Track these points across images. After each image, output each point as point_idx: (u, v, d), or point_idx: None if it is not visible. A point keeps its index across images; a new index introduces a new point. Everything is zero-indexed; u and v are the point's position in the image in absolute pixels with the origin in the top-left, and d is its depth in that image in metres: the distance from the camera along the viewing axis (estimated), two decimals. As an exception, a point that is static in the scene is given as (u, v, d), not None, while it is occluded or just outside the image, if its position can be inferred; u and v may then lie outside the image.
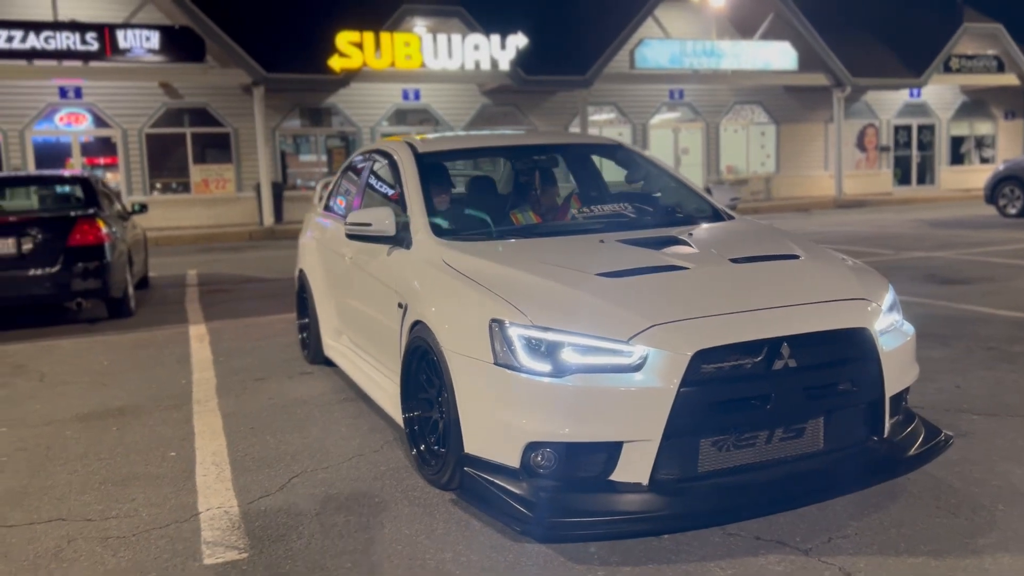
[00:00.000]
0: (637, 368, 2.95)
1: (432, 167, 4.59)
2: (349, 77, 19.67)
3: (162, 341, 7.25)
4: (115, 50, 18.03)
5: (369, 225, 4.12)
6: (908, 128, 28.34)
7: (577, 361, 2.98)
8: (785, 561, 2.85)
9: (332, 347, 5.52)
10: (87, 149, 20.17)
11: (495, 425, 3.08)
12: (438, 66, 20.01)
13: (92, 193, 8.74)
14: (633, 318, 3.02)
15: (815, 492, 3.23)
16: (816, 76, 24.38)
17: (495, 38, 20.29)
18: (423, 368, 3.60)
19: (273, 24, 20.07)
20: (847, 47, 24.71)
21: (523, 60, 20.61)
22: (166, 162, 20.54)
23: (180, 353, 6.70)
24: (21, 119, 19.26)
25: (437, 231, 4.00)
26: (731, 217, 4.49)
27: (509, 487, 3.03)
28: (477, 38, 20.21)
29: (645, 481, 2.97)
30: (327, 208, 6.01)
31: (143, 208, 10.34)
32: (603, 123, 24.46)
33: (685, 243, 3.73)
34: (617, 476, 2.99)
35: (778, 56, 23.80)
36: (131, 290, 8.87)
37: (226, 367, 6.11)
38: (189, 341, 7.19)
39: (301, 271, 6.18)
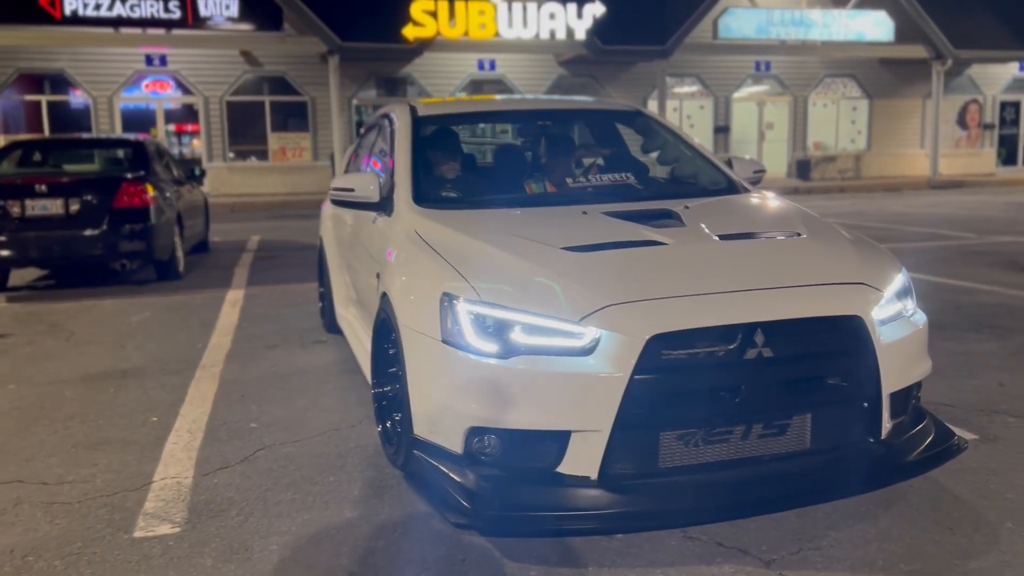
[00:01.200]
0: (588, 352, 2.68)
1: (432, 131, 4.37)
2: (423, 46, 19.56)
3: (197, 304, 7.29)
4: (196, 18, 18.37)
5: (352, 191, 3.93)
6: (1016, 105, 26.55)
7: (525, 342, 2.74)
8: (740, 572, 2.56)
9: (342, 316, 5.40)
10: (171, 116, 20.72)
11: (440, 407, 2.87)
12: (512, 35, 19.69)
13: (143, 158, 8.85)
14: (588, 297, 2.75)
15: (796, 496, 2.90)
16: (914, 48, 22.99)
17: (571, 6, 19.84)
18: (390, 342, 3.41)
19: (350, -8, 20.11)
20: (949, 17, 23.18)
21: (600, 29, 20.09)
22: (245, 130, 20.90)
23: (208, 317, 6.71)
24: (110, 86, 19.88)
25: (420, 199, 3.78)
26: (746, 190, 4.13)
27: (452, 474, 2.82)
28: (553, 6, 19.79)
29: (594, 475, 2.70)
30: (346, 172, 5.87)
31: (201, 174, 10.47)
32: (684, 95, 23.74)
33: (677, 217, 3.41)
34: (565, 468, 2.73)
35: (872, 26, 22.54)
36: (180, 253, 8.98)
37: (245, 333, 6.07)
38: (222, 306, 7.20)
39: (320, 238, 6.08)
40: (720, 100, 23.92)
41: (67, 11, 17.72)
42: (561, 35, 20.02)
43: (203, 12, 18.41)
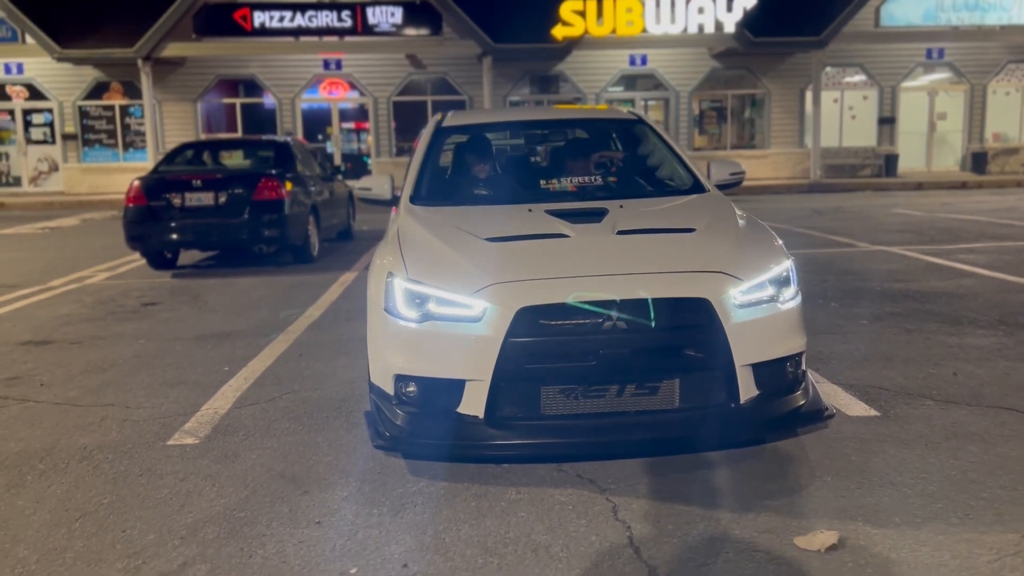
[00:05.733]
0: (478, 320, 3.45)
1: (452, 138, 5.22)
2: (571, 45, 20.37)
3: (314, 284, 8.55)
4: (365, 25, 20.17)
5: (370, 189, 4.88)
6: None
7: (437, 311, 3.54)
8: (576, 494, 3.25)
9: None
10: (344, 115, 22.76)
11: (381, 360, 3.73)
12: (660, 31, 20.09)
13: (286, 156, 10.32)
14: (481, 277, 3.51)
15: (658, 446, 3.54)
16: (1110, 29, 21.16)
17: (721, 0, 19.93)
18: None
19: (505, -4, 21.24)
20: None
21: (750, 21, 20.06)
22: (410, 127, 22.58)
23: (316, 294, 7.92)
24: (292, 88, 22.17)
25: (416, 198, 4.65)
26: (706, 191, 4.67)
27: (384, 411, 3.68)
28: (702, 1, 19.97)
29: (481, 415, 3.47)
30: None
31: (340, 171, 11.87)
32: (847, 86, 23.08)
33: (603, 215, 4.06)
34: (462, 409, 3.51)
35: (1059, 7, 20.95)
36: (315, 240, 10.36)
37: (335, 307, 7.21)
38: (332, 285, 8.41)
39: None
40: (885, 90, 23.07)
41: (256, 23, 20.03)
42: (709, 29, 20.18)
43: (371, 20, 20.19)
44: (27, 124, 22.35)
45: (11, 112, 22.22)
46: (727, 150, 23.00)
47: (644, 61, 22.28)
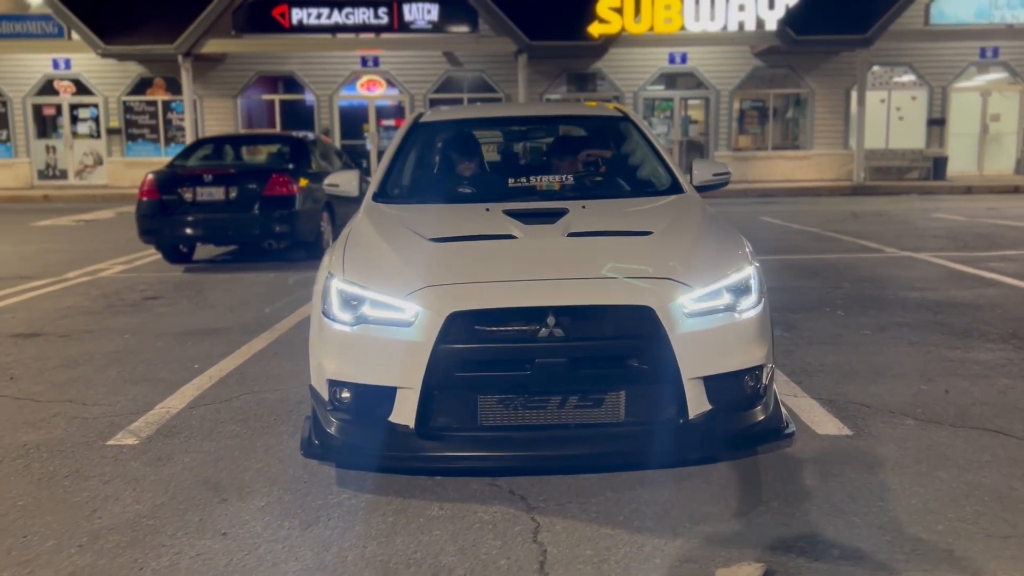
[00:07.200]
0: (410, 324, 3.28)
1: (429, 135, 5.06)
2: (608, 42, 20.07)
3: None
4: (401, 22, 20.15)
5: (337, 186, 4.74)
6: None
7: (370, 314, 3.38)
8: (501, 512, 3.07)
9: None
10: (382, 113, 22.78)
11: (316, 363, 3.59)
12: (699, 28, 19.69)
13: (301, 152, 10.27)
14: (415, 279, 3.34)
15: (601, 462, 3.34)
16: None
17: (763, -3, 19.46)
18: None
19: (541, -7, 21.02)
20: None
21: (792, 19, 19.53)
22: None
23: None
24: (330, 85, 22.26)
25: (380, 194, 4.50)
26: (682, 192, 4.44)
27: (318, 416, 3.53)
28: (743, -2, 19.53)
29: (411, 425, 3.30)
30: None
31: (364, 168, 11.78)
32: (895, 86, 22.36)
33: (560, 215, 3.85)
34: (393, 418, 3.34)
35: (1123, 5, 20.00)
36: (329, 236, 10.28)
37: (329, 306, 7.10)
38: (335, 282, 8.31)
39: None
40: (936, 90, 22.28)
41: (294, 20, 20.16)
42: (751, 26, 19.72)
43: (407, 17, 20.15)
44: (73, 118, 22.82)
45: (58, 107, 22.71)
46: (768, 151, 22.47)
47: (684, 59, 21.86)
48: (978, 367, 4.79)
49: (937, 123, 22.38)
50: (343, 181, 4.73)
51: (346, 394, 3.44)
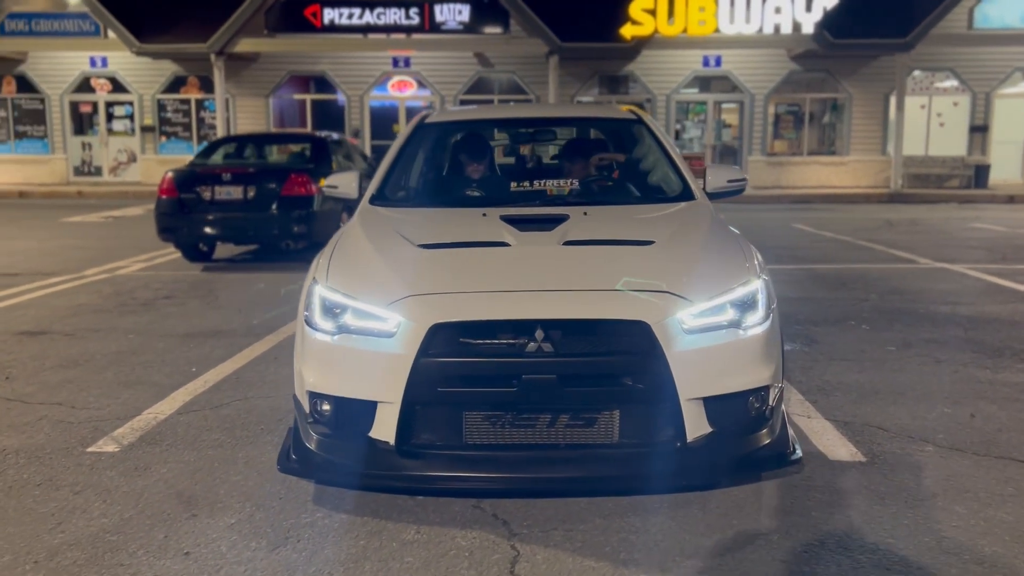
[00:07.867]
0: (392, 335, 3.10)
1: (434, 136, 4.90)
2: (640, 44, 19.78)
3: (332, 283, 8.34)
4: (432, 23, 20.05)
5: (336, 188, 4.59)
6: None
7: (353, 323, 3.21)
8: (480, 538, 2.88)
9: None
10: (412, 113, 22.68)
11: (297, 373, 3.43)
12: (733, 31, 19.33)
13: (322, 152, 10.18)
14: (398, 288, 3.16)
15: (592, 486, 3.14)
16: None
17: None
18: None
19: (574, -6, 20.79)
20: None
21: (830, 22, 19.09)
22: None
23: (327, 294, 7.70)
24: (361, 85, 22.24)
25: (378, 197, 4.34)
26: (693, 199, 4.22)
27: (299, 429, 3.37)
28: (779, 0, 19.12)
29: (392, 441, 3.12)
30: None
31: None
32: (937, 91, 21.79)
33: (558, 222, 3.65)
34: (374, 434, 3.17)
35: None
36: (347, 238, 10.19)
37: (339, 309, 6.97)
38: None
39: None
40: (979, 96, 21.67)
41: (326, 20, 20.15)
42: (787, 29, 19.31)
43: (439, 18, 20.04)
44: (109, 116, 23.05)
45: (94, 104, 22.96)
46: (804, 156, 22.01)
47: (719, 62, 21.50)
48: (1008, 389, 4.51)
49: (979, 130, 21.77)
50: (342, 182, 4.58)
51: (326, 407, 3.28)
